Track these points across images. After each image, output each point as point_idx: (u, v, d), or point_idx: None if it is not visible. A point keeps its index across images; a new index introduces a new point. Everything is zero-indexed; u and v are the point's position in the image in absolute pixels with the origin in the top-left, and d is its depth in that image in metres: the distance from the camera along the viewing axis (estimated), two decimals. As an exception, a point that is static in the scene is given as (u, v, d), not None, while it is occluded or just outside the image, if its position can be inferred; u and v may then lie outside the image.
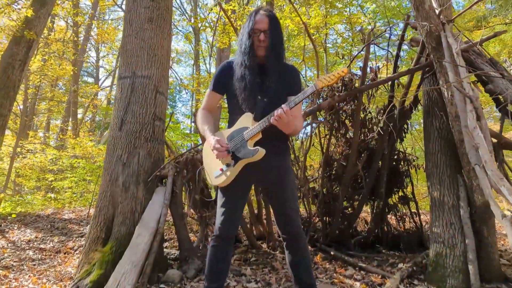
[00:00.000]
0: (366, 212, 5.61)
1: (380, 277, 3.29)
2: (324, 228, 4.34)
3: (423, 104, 3.69)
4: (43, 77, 13.48)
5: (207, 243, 3.69)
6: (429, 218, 5.19)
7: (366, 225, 4.93)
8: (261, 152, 2.04)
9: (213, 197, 3.92)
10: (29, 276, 3.46)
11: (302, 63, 9.82)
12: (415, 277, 3.22)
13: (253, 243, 4.34)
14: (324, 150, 4.46)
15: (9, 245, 4.69)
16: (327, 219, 4.44)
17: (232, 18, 7.02)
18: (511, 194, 1.92)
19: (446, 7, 3.27)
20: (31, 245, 4.72)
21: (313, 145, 4.63)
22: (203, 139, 2.86)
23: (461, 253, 2.94)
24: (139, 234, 3.07)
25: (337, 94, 3.92)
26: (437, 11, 3.16)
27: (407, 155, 4.43)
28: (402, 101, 3.99)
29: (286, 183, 2.20)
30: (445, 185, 3.19)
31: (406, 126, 4.28)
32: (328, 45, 12.19)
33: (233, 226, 2.20)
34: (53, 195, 10.42)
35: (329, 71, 10.62)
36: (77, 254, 4.31)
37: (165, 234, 4.83)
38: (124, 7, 4.15)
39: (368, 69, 3.86)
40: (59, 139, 14.20)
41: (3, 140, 10.74)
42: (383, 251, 4.25)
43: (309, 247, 3.45)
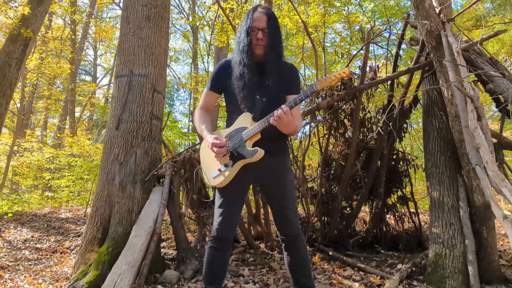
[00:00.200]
0: (364, 212, 5.59)
1: (379, 277, 3.27)
2: (322, 228, 4.32)
3: (422, 103, 3.67)
4: (40, 75, 13.43)
5: (205, 243, 3.66)
6: (427, 218, 5.18)
7: (364, 225, 4.91)
8: (260, 153, 2.00)
9: (211, 197, 3.89)
10: (25, 276, 3.42)
11: (300, 61, 9.79)
12: (414, 278, 3.20)
13: (251, 243, 4.32)
14: (323, 149, 4.43)
15: (5, 244, 4.65)
16: (326, 219, 4.42)
17: (230, 16, 6.97)
18: (513, 195, 1.90)
19: (446, 6, 3.25)
20: (27, 244, 4.68)
21: (311, 144, 4.60)
22: (201, 139, 2.83)
23: (460, 254, 2.92)
24: (136, 234, 3.04)
25: (336, 93, 3.89)
26: (437, 10, 3.14)
27: (406, 154, 4.42)
28: (401, 101, 3.96)
29: (284, 183, 2.16)
30: (444, 185, 3.17)
31: (405, 125, 4.26)
32: (326, 44, 12.16)
33: (231, 227, 2.16)
34: (50, 194, 10.37)
35: (327, 70, 10.61)
36: (73, 254, 4.27)
37: (162, 234, 4.80)
38: (122, 5, 4.11)
39: (367, 68, 3.84)
40: (57, 137, 14.14)
41: (0, 138, 10.73)
42: (382, 252, 4.24)
43: (307, 247, 3.43)
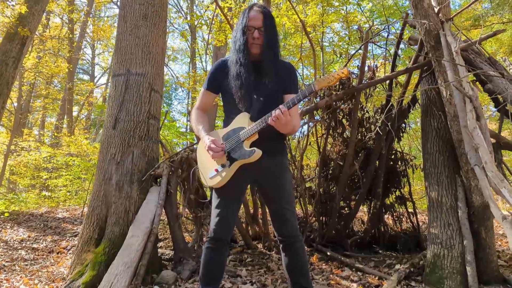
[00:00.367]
0: (363, 212, 5.58)
1: (377, 278, 3.26)
2: (320, 228, 4.31)
3: (421, 103, 3.65)
4: (38, 74, 13.38)
5: (202, 243, 3.64)
6: (426, 218, 5.17)
7: (362, 225, 4.89)
8: (258, 153, 1.98)
9: (209, 197, 3.87)
10: (21, 276, 3.40)
11: (299, 61, 9.77)
12: (413, 278, 3.19)
13: (248, 244, 4.30)
14: (321, 149, 4.42)
15: (1, 244, 4.61)
16: (324, 219, 4.41)
17: (228, 15, 6.95)
18: (512, 196, 1.89)
19: (445, 5, 3.23)
20: (24, 244, 4.65)
21: (310, 144, 4.59)
22: (199, 139, 2.81)
23: (459, 254, 2.90)
24: (132, 234, 3.02)
25: (334, 93, 3.88)
26: (436, 9, 3.12)
27: (404, 154, 4.40)
28: (400, 100, 3.95)
29: (282, 184, 2.14)
30: (443, 185, 3.15)
31: (403, 125, 4.25)
32: (324, 44, 12.14)
33: (228, 228, 2.14)
34: (47, 194, 10.33)
35: (326, 70, 10.59)
36: (70, 254, 4.24)
37: (159, 234, 4.78)
38: (119, 3, 4.09)
39: (366, 68, 3.82)
40: (54, 136, 14.09)
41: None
42: (380, 252, 4.22)
43: (305, 248, 3.41)
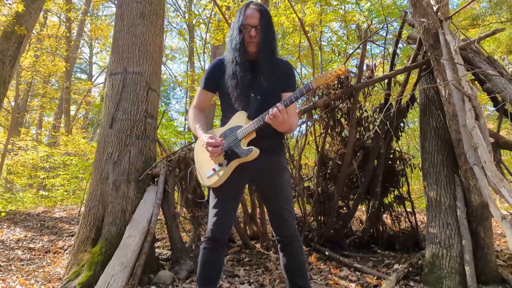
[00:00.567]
0: (361, 211, 5.57)
1: (375, 278, 3.24)
2: (319, 227, 4.29)
3: (419, 102, 3.64)
4: (35, 73, 13.32)
5: (200, 243, 3.62)
6: (424, 217, 5.16)
7: (361, 225, 4.89)
8: (255, 152, 1.97)
9: (206, 197, 3.85)
10: (17, 277, 3.37)
11: (297, 60, 9.76)
12: (411, 278, 3.18)
13: (246, 243, 4.28)
14: (319, 148, 4.40)
15: (-2, 244, 4.59)
16: (322, 218, 4.40)
17: (226, 14, 6.93)
18: None
19: (443, 4, 3.22)
20: (20, 244, 4.62)
21: (308, 143, 4.57)
22: (197, 138, 2.79)
23: (457, 254, 2.90)
24: (129, 234, 3.00)
25: (333, 92, 3.86)
26: (434, 8, 3.11)
27: (403, 154, 4.39)
28: (398, 100, 3.94)
29: (280, 183, 2.12)
30: (441, 185, 3.14)
31: (402, 124, 4.23)
32: (323, 43, 12.14)
33: (226, 228, 2.12)
34: (45, 193, 10.29)
35: (324, 69, 10.59)
36: (66, 254, 4.22)
37: (156, 233, 4.76)
38: (116, 2, 4.06)
39: (364, 67, 3.81)
40: (51, 136, 14.04)
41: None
42: (379, 251, 4.22)
43: (304, 247, 3.40)
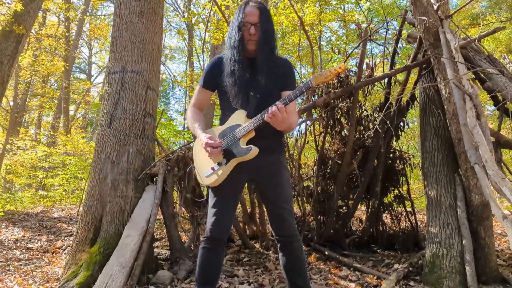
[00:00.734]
0: (361, 211, 5.55)
1: (375, 278, 3.23)
2: (318, 227, 4.28)
3: (419, 101, 3.63)
4: (34, 73, 13.29)
5: (199, 243, 3.60)
6: (424, 217, 5.15)
7: (361, 224, 4.87)
8: (254, 151, 1.95)
9: (205, 196, 3.83)
10: (15, 277, 3.35)
11: (296, 59, 9.74)
12: (411, 278, 3.16)
13: (246, 243, 4.26)
14: (319, 148, 4.38)
15: (-4, 244, 4.57)
16: (322, 218, 4.38)
17: (226, 13, 6.91)
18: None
19: (444, 2, 3.20)
20: (18, 244, 4.60)
21: (307, 143, 4.55)
22: (195, 137, 2.77)
23: (458, 253, 2.88)
24: (128, 234, 2.98)
25: (332, 91, 3.84)
26: (435, 7, 3.09)
27: (403, 153, 4.37)
28: (398, 99, 3.92)
29: (280, 182, 2.10)
30: (442, 184, 3.13)
31: (402, 124, 4.22)
32: (322, 42, 12.13)
33: (225, 227, 2.09)
34: (43, 193, 10.26)
35: (323, 69, 10.57)
36: (65, 254, 4.20)
37: (155, 233, 4.74)
38: (115, 1, 4.04)
39: (364, 66, 3.79)
40: (50, 135, 14.01)
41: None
42: (378, 251, 4.20)
43: (303, 247, 3.39)
